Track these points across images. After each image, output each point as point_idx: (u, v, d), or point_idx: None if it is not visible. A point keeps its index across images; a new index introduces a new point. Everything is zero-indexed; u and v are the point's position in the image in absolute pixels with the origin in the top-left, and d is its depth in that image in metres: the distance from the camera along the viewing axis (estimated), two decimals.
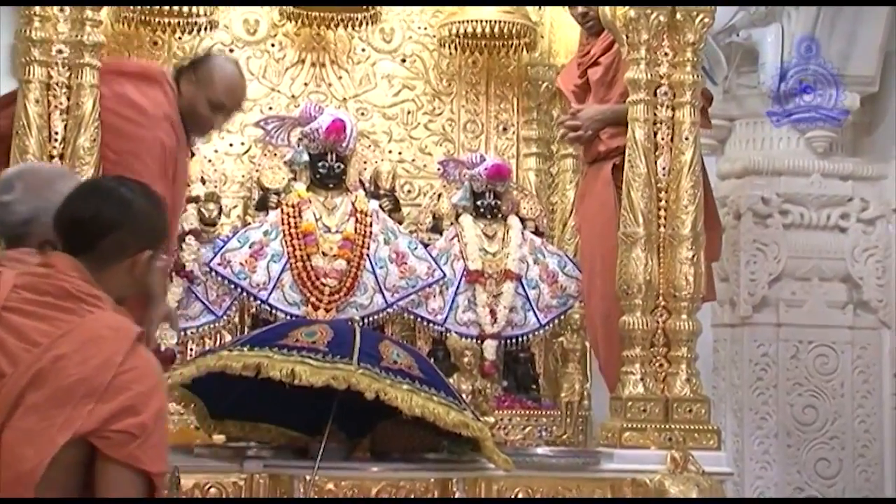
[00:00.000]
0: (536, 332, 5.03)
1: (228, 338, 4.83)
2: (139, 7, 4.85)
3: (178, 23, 5.00)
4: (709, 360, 5.43)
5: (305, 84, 5.21)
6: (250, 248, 4.75)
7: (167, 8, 4.91)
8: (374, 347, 3.76)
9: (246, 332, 4.77)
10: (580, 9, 4.86)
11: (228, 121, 4.28)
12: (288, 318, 4.72)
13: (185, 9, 4.94)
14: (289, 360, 3.63)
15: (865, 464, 5.63)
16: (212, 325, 4.75)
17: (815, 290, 5.66)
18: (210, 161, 4.93)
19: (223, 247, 4.74)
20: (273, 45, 5.10)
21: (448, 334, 4.88)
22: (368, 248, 4.83)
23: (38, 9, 3.99)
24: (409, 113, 5.29)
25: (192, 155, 4.48)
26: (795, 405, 5.60)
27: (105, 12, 4.19)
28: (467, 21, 5.12)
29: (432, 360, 4.90)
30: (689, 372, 4.41)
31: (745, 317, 5.63)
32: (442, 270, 4.92)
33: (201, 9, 4.96)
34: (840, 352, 5.65)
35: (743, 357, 5.61)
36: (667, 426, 4.31)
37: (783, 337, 5.62)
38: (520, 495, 4.14)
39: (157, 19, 4.98)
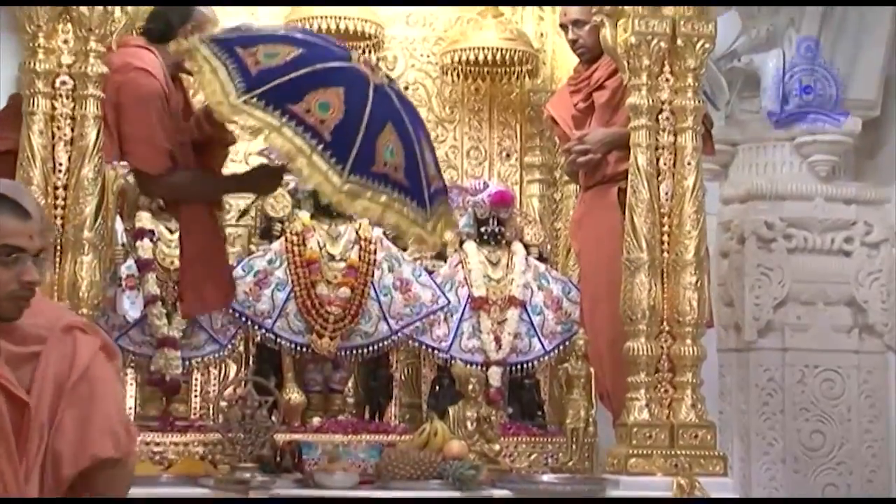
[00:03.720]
0: (541, 359, 5.02)
1: (233, 367, 4.84)
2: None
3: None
4: (714, 385, 5.41)
5: None
6: (255, 276, 4.75)
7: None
8: (372, 143, 3.89)
9: (251, 362, 4.79)
10: (570, 35, 4.88)
11: None
12: (292, 346, 4.72)
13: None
14: (289, 141, 3.80)
15: (874, 490, 5.60)
16: (216, 355, 4.74)
17: (820, 315, 5.66)
18: None
19: None
20: None
21: (453, 362, 4.87)
22: (372, 276, 4.83)
23: (42, 40, 4.00)
24: None
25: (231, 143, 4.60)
26: (802, 430, 5.58)
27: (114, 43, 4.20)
28: (469, 49, 5.15)
29: (437, 387, 4.91)
30: (695, 397, 4.40)
31: (750, 341, 5.62)
32: (446, 297, 4.91)
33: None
34: (846, 376, 5.64)
35: (749, 382, 5.60)
36: (673, 452, 4.30)
37: (789, 362, 5.61)
38: None
39: None
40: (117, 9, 4.14)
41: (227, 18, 5.05)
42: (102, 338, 2.70)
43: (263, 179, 4.52)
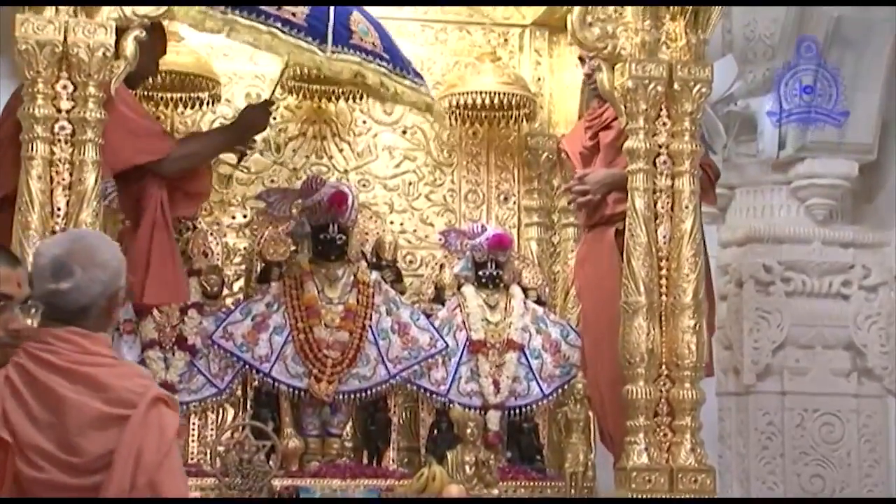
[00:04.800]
0: (540, 402, 5.00)
1: (231, 412, 4.83)
2: (144, 84, 4.90)
3: (181, 97, 5.05)
4: (714, 429, 5.40)
5: (307, 156, 5.25)
6: (252, 320, 4.75)
7: (172, 82, 4.96)
8: (345, 24, 4.35)
9: (249, 406, 4.78)
10: (586, 69, 4.90)
11: None
12: (290, 390, 4.71)
13: (189, 83, 4.98)
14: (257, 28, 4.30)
15: None
16: (214, 399, 4.73)
17: (818, 358, 5.66)
18: (212, 234, 4.95)
19: (225, 320, 4.74)
20: (275, 119, 5.13)
21: (451, 405, 4.86)
22: (370, 320, 4.83)
23: (41, 86, 4.02)
24: (410, 184, 5.32)
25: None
26: (802, 475, 5.56)
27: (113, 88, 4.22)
28: (467, 93, 5.17)
29: (435, 431, 4.89)
30: (694, 441, 4.38)
31: (749, 385, 5.61)
32: (444, 341, 4.91)
33: (205, 83, 5.01)
34: (846, 420, 5.63)
35: (748, 426, 5.58)
36: (672, 497, 4.28)
37: (788, 405, 5.61)
38: None
39: (160, 94, 5.04)
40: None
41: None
42: (177, 413, 2.72)
43: (255, 117, 4.80)
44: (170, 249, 4.42)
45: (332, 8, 4.42)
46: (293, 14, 4.34)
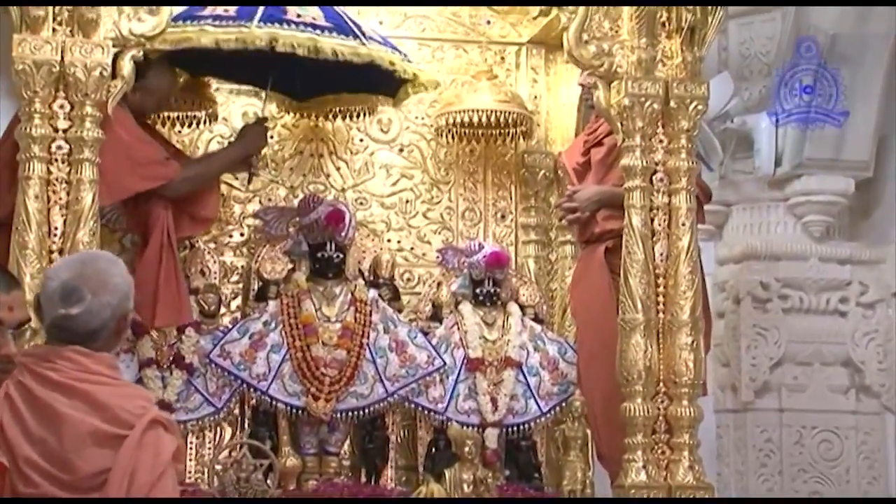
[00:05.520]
0: (538, 420, 5.00)
1: (229, 430, 4.83)
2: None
3: (178, 117, 5.06)
4: (712, 446, 5.39)
5: (304, 175, 5.25)
6: (250, 339, 4.75)
7: (169, 102, 4.97)
8: (354, 20, 4.51)
9: (246, 425, 4.77)
10: (584, 83, 4.91)
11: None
12: (288, 409, 4.71)
13: (186, 103, 4.99)
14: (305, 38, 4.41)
15: None
16: (212, 418, 4.72)
17: (816, 375, 5.65)
18: (209, 252, 4.95)
19: (223, 338, 4.73)
20: (272, 137, 5.14)
21: (449, 423, 4.85)
22: (368, 338, 4.82)
23: (38, 105, 4.03)
24: (407, 202, 5.33)
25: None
26: (801, 492, 5.55)
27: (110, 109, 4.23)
28: (464, 111, 5.18)
29: (433, 449, 4.88)
30: (692, 459, 4.37)
31: (747, 402, 5.60)
32: (442, 359, 4.90)
33: (203, 102, 5.02)
34: (844, 437, 5.62)
35: (746, 443, 5.58)
36: None
37: (786, 422, 5.60)
38: None
39: (157, 114, 5.04)
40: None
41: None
42: (177, 436, 2.72)
43: (254, 135, 4.84)
44: (175, 271, 4.45)
45: (337, 9, 4.60)
46: (314, 18, 4.50)
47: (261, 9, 4.50)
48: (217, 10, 4.50)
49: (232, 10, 4.50)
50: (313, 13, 4.54)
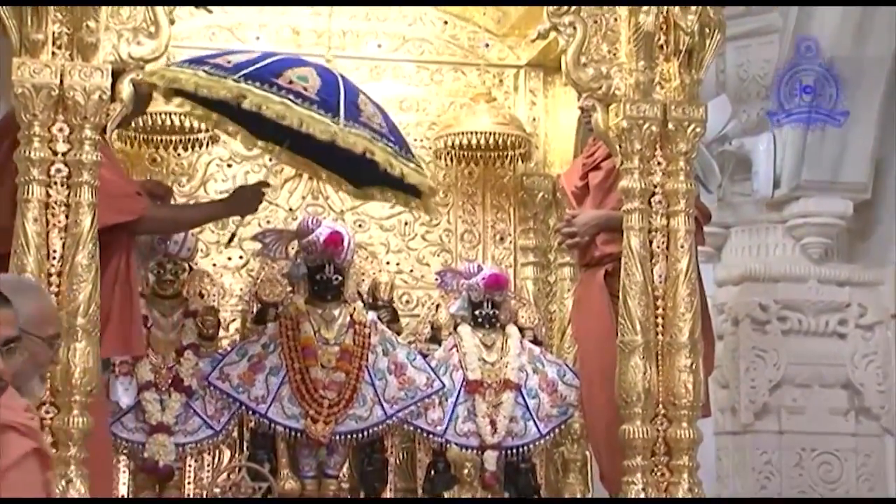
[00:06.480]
0: (537, 442, 4.99)
1: (227, 453, 4.82)
2: (143, 126, 4.92)
3: (179, 139, 5.06)
4: (712, 468, 5.38)
5: (303, 197, 5.26)
6: (249, 361, 4.75)
7: (170, 125, 4.97)
8: (354, 103, 4.33)
9: (245, 447, 4.76)
10: (584, 106, 4.92)
11: None
12: (287, 431, 4.70)
13: (188, 125, 5.00)
14: (276, 102, 4.16)
15: None
16: (210, 441, 4.71)
17: (815, 397, 5.65)
18: (208, 275, 4.95)
19: (222, 361, 4.73)
20: (271, 160, 5.14)
21: (448, 446, 4.85)
22: (367, 360, 4.82)
23: (37, 128, 4.03)
24: (406, 224, 5.33)
25: None
26: None
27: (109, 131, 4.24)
28: (462, 133, 5.19)
29: (432, 472, 4.87)
30: (692, 481, 4.36)
31: (746, 424, 5.60)
32: (441, 381, 4.90)
33: (203, 125, 5.02)
34: (843, 459, 5.61)
35: (746, 465, 5.56)
36: None
37: (786, 445, 5.59)
38: None
39: (158, 137, 5.05)
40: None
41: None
42: (40, 443, 2.64)
43: (245, 199, 4.70)
44: (129, 301, 4.28)
45: (341, 86, 4.37)
46: (304, 88, 4.25)
47: (267, 62, 4.35)
48: (227, 59, 4.34)
49: (244, 59, 4.35)
50: (311, 82, 4.31)
